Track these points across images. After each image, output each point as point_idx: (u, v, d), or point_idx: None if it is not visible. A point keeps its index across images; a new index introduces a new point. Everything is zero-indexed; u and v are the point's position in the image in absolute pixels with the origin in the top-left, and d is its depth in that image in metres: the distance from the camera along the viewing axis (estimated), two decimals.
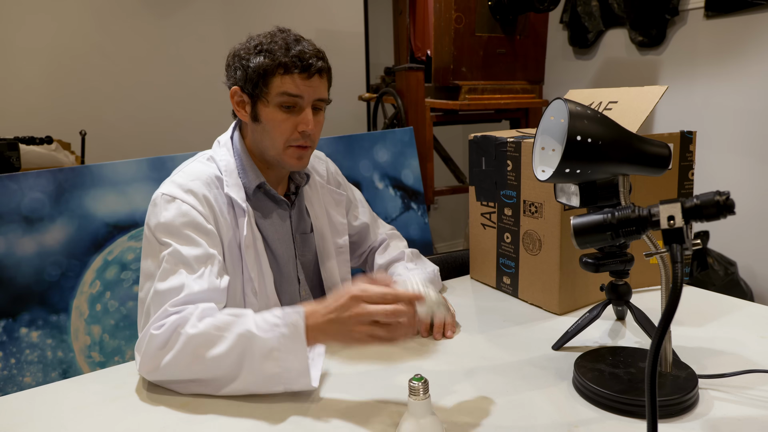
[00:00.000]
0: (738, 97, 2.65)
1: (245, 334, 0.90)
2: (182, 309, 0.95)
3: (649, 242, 0.91)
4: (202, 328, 0.91)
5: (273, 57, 1.10)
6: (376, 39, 3.86)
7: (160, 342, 0.92)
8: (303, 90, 1.12)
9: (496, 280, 1.38)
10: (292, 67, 1.10)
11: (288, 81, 1.11)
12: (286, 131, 1.14)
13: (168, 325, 0.92)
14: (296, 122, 1.13)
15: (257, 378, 0.90)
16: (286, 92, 1.11)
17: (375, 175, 2.13)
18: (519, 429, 0.81)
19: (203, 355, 0.90)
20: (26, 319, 1.49)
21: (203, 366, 0.90)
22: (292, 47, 1.10)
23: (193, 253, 1.02)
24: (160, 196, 1.08)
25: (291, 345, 0.89)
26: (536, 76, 2.80)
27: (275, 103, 1.12)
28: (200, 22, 3.19)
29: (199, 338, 0.90)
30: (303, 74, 1.10)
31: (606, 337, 1.10)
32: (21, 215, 1.49)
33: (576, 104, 0.89)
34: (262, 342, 0.89)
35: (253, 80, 1.12)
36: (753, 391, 0.89)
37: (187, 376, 0.92)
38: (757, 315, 1.19)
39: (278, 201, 1.22)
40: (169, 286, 0.98)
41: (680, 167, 1.31)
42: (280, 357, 0.89)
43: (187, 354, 0.90)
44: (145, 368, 0.93)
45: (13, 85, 2.74)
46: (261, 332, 0.90)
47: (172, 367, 0.91)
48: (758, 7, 2.53)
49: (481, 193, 1.39)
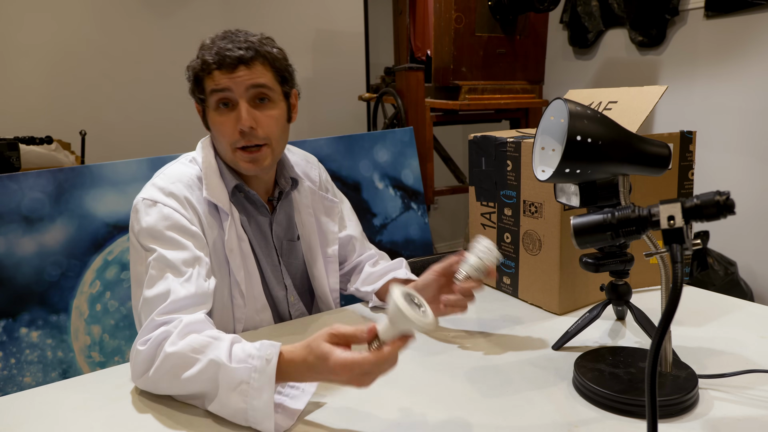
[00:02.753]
0: (738, 97, 2.65)
1: (216, 360, 0.84)
2: (169, 319, 0.92)
3: (649, 242, 0.91)
4: (180, 347, 0.87)
5: (199, 59, 1.09)
6: (376, 39, 3.86)
7: (143, 357, 0.90)
8: (227, 83, 1.06)
9: (496, 280, 1.38)
10: (212, 64, 1.07)
11: (215, 78, 1.07)
12: (227, 133, 1.09)
13: (152, 341, 0.90)
14: (236, 122, 1.08)
15: (224, 409, 0.84)
16: (213, 90, 1.08)
17: (375, 175, 2.13)
18: (519, 429, 0.81)
19: (179, 376, 0.86)
20: (26, 319, 1.49)
21: (180, 385, 0.87)
22: (217, 45, 1.08)
23: (180, 256, 1.00)
24: (140, 201, 1.06)
25: (259, 381, 0.81)
26: (536, 76, 2.80)
27: (212, 105, 1.10)
28: (200, 22, 3.18)
29: (175, 358, 0.87)
30: (222, 69, 1.06)
31: (606, 337, 1.10)
32: (21, 215, 1.49)
33: (576, 104, 0.89)
34: (231, 372, 0.83)
35: (192, 87, 1.12)
36: (753, 391, 0.89)
37: (168, 392, 0.90)
38: (757, 315, 1.19)
39: (258, 205, 1.19)
40: (155, 293, 0.96)
41: (680, 167, 1.31)
42: (248, 392, 0.81)
43: (165, 372, 0.88)
44: (134, 379, 0.93)
45: (13, 85, 2.74)
46: (233, 362, 0.83)
47: (154, 383, 0.90)
48: (758, 7, 2.53)
49: (481, 193, 1.39)
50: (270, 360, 0.82)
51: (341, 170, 2.06)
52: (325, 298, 1.29)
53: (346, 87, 3.69)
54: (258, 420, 0.81)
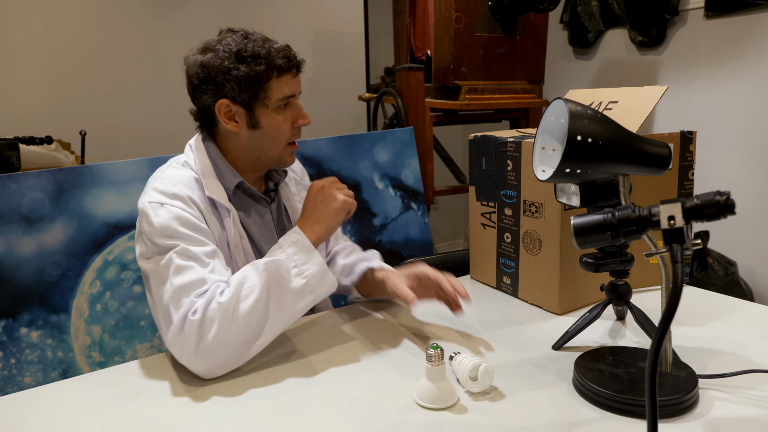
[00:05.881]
0: (738, 97, 2.65)
1: (266, 267, 0.99)
2: (205, 295, 0.98)
3: (649, 242, 0.91)
4: (227, 294, 0.97)
5: (266, 62, 1.10)
6: (376, 39, 3.86)
7: (198, 323, 0.95)
8: (295, 88, 1.16)
9: (496, 280, 1.38)
10: (285, 68, 1.12)
11: (284, 82, 1.13)
12: (287, 131, 1.17)
13: (201, 308, 0.96)
14: (293, 119, 1.18)
15: (289, 300, 1.00)
16: (286, 94, 1.13)
17: (375, 175, 2.13)
18: (519, 429, 0.81)
19: (238, 310, 0.96)
20: (26, 319, 1.49)
21: (243, 319, 0.96)
22: (273, 48, 1.12)
23: (200, 249, 1.03)
24: (147, 205, 1.06)
25: (304, 256, 1.03)
26: (536, 76, 2.80)
27: (275, 106, 1.13)
28: (200, 23, 3.18)
29: (230, 302, 0.96)
30: (292, 72, 1.14)
31: (606, 337, 1.10)
32: (21, 215, 1.49)
33: (576, 104, 0.89)
34: (281, 264, 1.01)
35: (250, 89, 1.10)
36: (753, 391, 0.89)
37: (235, 336, 0.96)
38: (757, 315, 1.19)
39: (258, 198, 1.22)
40: (187, 280, 0.98)
41: (680, 167, 1.31)
42: (301, 271, 1.02)
43: (227, 319, 0.95)
44: (190, 354, 0.95)
45: (13, 85, 2.74)
46: (277, 257, 1.02)
47: (219, 339, 0.95)
48: (758, 7, 2.53)
49: (481, 193, 1.39)
50: (296, 240, 1.05)
51: (341, 170, 2.05)
52: None
53: (346, 87, 3.69)
54: (317, 284, 1.04)
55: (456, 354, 0.95)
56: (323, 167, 2.02)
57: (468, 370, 0.89)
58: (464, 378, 0.89)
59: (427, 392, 0.87)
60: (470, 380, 0.89)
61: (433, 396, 0.86)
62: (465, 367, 0.90)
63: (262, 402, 0.90)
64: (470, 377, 0.89)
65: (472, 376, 0.89)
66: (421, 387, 0.88)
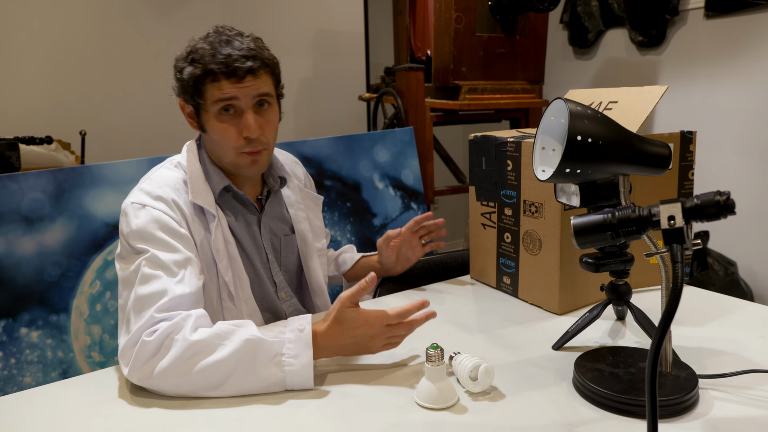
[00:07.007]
0: (738, 97, 2.65)
1: (251, 339, 0.91)
2: (171, 315, 0.93)
3: (649, 242, 0.91)
4: (205, 334, 0.91)
5: (201, 65, 1.06)
6: (376, 39, 3.86)
7: (152, 349, 0.90)
8: (236, 92, 1.07)
9: (496, 280, 1.38)
10: (219, 74, 1.06)
11: (218, 87, 1.07)
12: (231, 139, 1.10)
13: (160, 332, 0.91)
14: (239, 128, 1.10)
15: (260, 382, 0.91)
16: (219, 99, 1.07)
17: (375, 175, 2.13)
18: (519, 429, 0.81)
19: (197, 363, 0.89)
20: (26, 319, 1.49)
21: (197, 374, 0.89)
22: (219, 51, 1.06)
23: (171, 257, 1.00)
24: (129, 205, 1.06)
25: (295, 349, 0.93)
26: (536, 76, 2.80)
27: (213, 111, 1.09)
28: (200, 22, 3.17)
29: (200, 345, 0.90)
30: (231, 79, 1.06)
31: (606, 337, 1.10)
32: (21, 215, 1.49)
33: (576, 104, 0.89)
34: (269, 346, 0.92)
35: (189, 91, 1.10)
36: (753, 391, 0.89)
37: (177, 383, 0.90)
38: (757, 315, 1.19)
39: (247, 204, 1.20)
40: (150, 291, 0.96)
41: (680, 167, 1.31)
42: (284, 361, 0.91)
43: (184, 360, 0.89)
44: (136, 375, 0.91)
45: (13, 85, 2.74)
46: (267, 337, 0.93)
47: (166, 374, 0.90)
48: (758, 7, 2.53)
49: (481, 193, 1.39)
50: (303, 329, 0.94)
51: (341, 170, 2.05)
52: (321, 292, 1.31)
53: (346, 87, 3.69)
54: (297, 383, 0.92)
55: (456, 354, 0.95)
56: (323, 167, 2.02)
57: (468, 370, 0.89)
58: (464, 378, 0.89)
59: (427, 392, 0.87)
60: (470, 380, 0.89)
61: (433, 396, 0.86)
62: (465, 367, 0.90)
63: (261, 402, 0.90)
64: (470, 377, 0.89)
65: (472, 376, 0.89)
66: (421, 387, 0.88)
